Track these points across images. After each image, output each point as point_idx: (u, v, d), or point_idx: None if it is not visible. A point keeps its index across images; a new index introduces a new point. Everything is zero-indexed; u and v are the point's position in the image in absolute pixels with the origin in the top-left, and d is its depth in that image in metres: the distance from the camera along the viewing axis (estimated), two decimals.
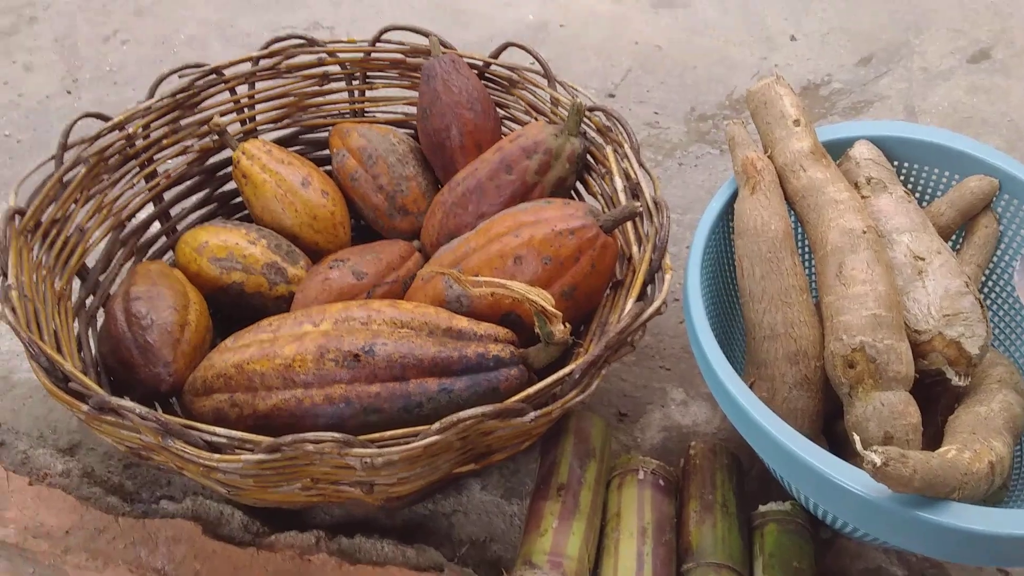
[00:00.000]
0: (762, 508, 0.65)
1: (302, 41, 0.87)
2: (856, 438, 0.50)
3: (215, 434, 0.54)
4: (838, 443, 0.67)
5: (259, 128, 0.88)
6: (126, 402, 0.55)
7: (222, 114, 0.84)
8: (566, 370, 0.59)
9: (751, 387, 0.66)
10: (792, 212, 0.72)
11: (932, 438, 0.65)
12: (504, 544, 0.68)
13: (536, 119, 0.85)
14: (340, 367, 0.61)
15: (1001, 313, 0.75)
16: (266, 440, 0.53)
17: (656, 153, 1.02)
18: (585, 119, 0.80)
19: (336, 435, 0.52)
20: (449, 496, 0.70)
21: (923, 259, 0.66)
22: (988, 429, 0.60)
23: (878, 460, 0.47)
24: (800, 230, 0.77)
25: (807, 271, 0.77)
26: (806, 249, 0.79)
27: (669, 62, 1.13)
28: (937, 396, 0.69)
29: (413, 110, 0.89)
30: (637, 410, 0.78)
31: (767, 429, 0.56)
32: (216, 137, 0.84)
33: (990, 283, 0.76)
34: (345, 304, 0.65)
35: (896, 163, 0.77)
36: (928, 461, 0.50)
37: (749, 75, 1.11)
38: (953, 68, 1.12)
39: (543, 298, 0.62)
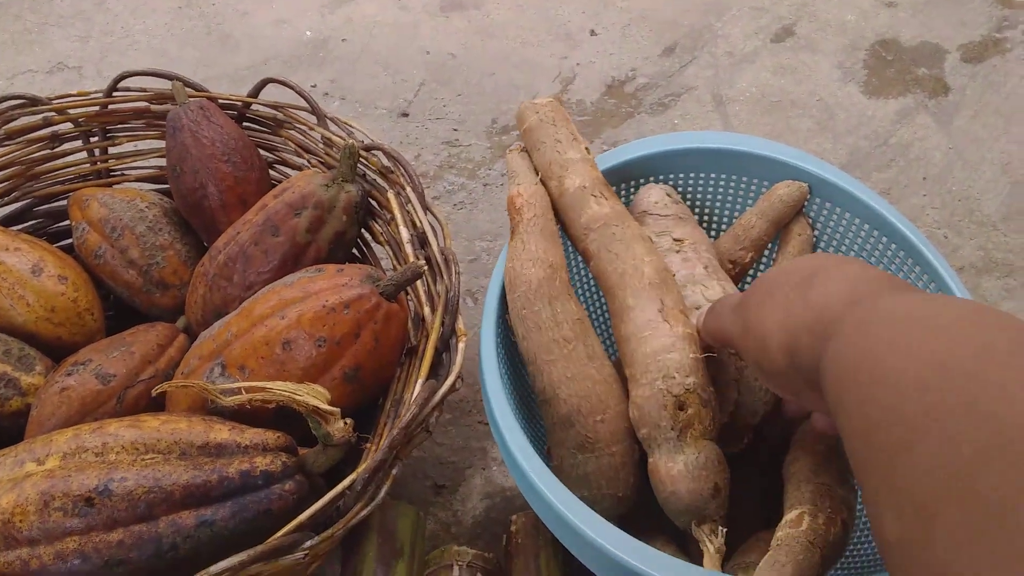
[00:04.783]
0: None
1: (23, 100, 0.74)
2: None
3: None
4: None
5: None
6: None
7: None
8: (346, 482, 0.51)
9: (548, 455, 0.59)
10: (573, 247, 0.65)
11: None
12: None
13: (308, 162, 0.75)
14: (70, 516, 0.50)
15: None
16: None
17: (459, 174, 0.94)
18: (362, 159, 0.71)
19: None
20: None
21: None
22: (831, 474, 0.55)
23: None
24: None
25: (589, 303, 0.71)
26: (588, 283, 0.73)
27: (465, 71, 1.05)
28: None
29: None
30: (456, 478, 0.70)
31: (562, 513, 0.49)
32: None
33: None
34: (76, 430, 0.54)
35: (693, 175, 0.71)
36: None
37: (551, 78, 1.04)
38: (758, 49, 1.08)
39: (314, 395, 0.53)
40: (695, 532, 0.52)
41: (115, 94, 0.76)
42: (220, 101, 0.75)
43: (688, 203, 0.73)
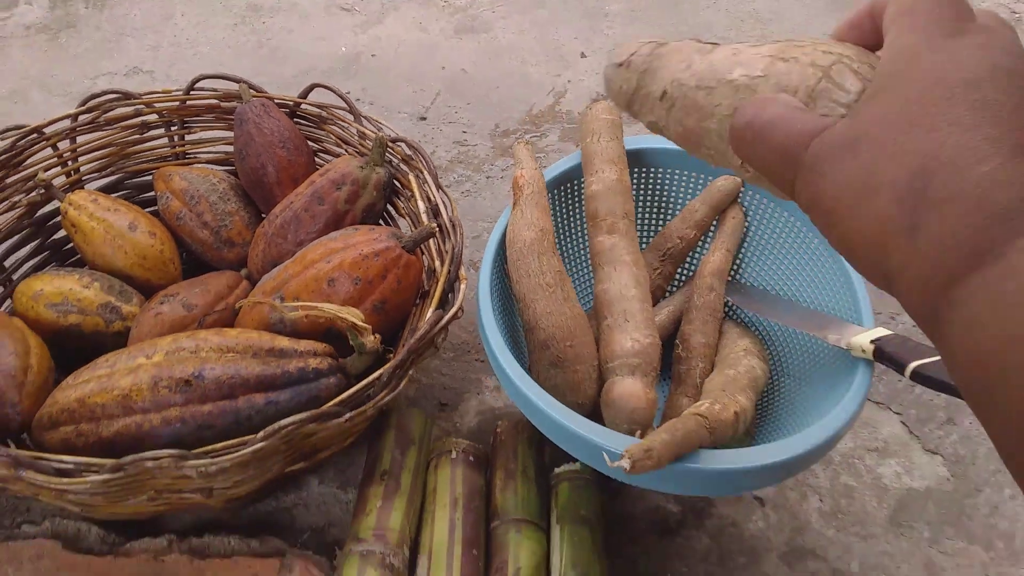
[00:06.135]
0: (557, 470, 0.77)
1: (119, 95, 0.93)
2: (605, 456, 0.61)
3: (62, 461, 0.61)
4: None
5: (84, 178, 0.94)
6: None
7: (46, 168, 0.90)
8: (375, 374, 0.69)
9: (528, 371, 0.78)
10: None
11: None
12: (342, 528, 0.77)
13: (346, 151, 0.94)
14: (174, 392, 0.69)
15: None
16: (109, 462, 0.60)
17: (466, 168, 1.13)
18: (389, 149, 0.90)
19: (172, 451, 0.60)
20: (289, 492, 0.79)
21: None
22: (735, 387, 0.74)
23: (627, 465, 0.57)
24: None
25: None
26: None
27: (474, 84, 1.24)
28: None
29: (232, 149, 0.96)
30: (456, 399, 0.89)
31: (535, 403, 0.67)
32: (43, 191, 0.90)
33: (740, 266, 0.90)
34: (175, 336, 0.73)
35: (655, 169, 0.90)
36: (671, 440, 0.61)
37: (546, 92, 1.24)
38: None
39: (353, 315, 0.72)
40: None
41: (192, 92, 0.95)
42: (276, 101, 0.95)
43: (658, 192, 0.91)
